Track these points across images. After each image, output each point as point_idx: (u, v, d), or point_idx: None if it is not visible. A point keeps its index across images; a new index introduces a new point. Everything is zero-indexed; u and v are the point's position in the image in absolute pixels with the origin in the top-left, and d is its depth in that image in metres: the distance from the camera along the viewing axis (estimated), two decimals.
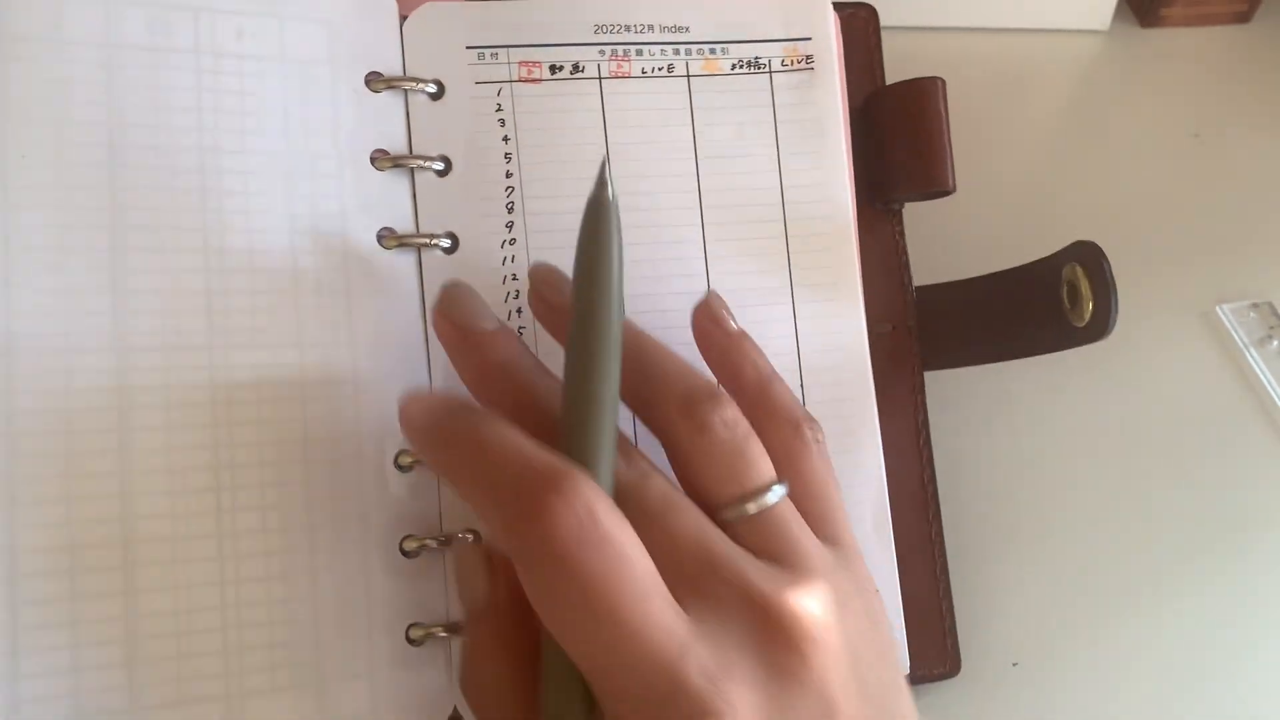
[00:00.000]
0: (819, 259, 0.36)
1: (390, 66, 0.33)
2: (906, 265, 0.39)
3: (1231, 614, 0.40)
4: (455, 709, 0.31)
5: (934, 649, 0.37)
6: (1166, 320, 0.47)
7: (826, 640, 0.25)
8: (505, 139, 0.34)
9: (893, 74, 0.39)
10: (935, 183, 0.37)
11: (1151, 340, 0.46)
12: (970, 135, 0.51)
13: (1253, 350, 0.46)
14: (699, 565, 0.25)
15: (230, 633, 0.29)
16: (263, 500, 0.30)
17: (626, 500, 0.25)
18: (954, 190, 0.38)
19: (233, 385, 0.30)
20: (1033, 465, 0.42)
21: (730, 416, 0.27)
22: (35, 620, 0.27)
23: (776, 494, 0.27)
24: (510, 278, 0.33)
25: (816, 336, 0.35)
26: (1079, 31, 0.55)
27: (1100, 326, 0.33)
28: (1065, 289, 0.34)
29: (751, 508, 0.27)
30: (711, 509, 0.27)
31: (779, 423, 0.29)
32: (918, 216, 0.40)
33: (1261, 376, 0.45)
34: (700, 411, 0.27)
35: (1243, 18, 0.57)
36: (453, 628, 0.31)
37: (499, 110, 0.34)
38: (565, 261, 0.33)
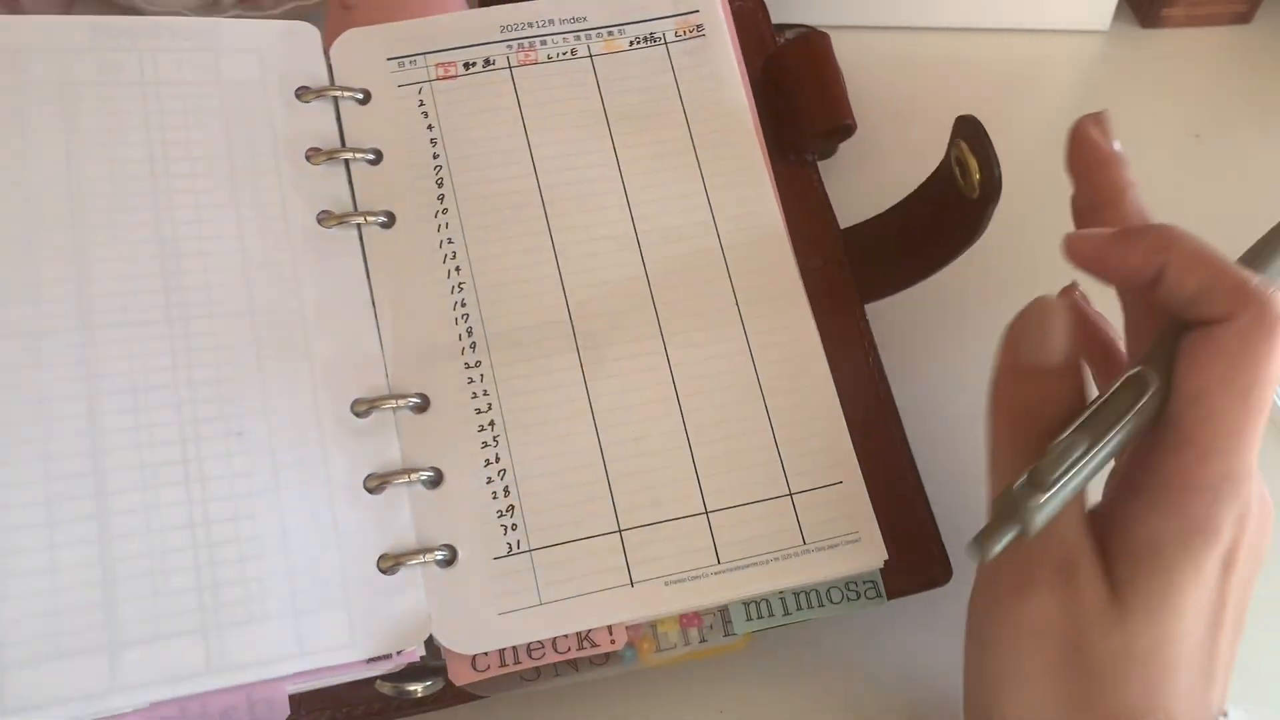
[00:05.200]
0: (723, 151, 0.39)
1: (318, 81, 0.37)
2: (829, 206, 0.41)
3: None
4: (432, 635, 0.31)
5: (919, 557, 0.36)
6: None
7: None
8: (429, 127, 0.37)
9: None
10: (838, 116, 0.40)
11: None
12: None
13: None
14: None
15: (204, 571, 0.30)
16: (227, 450, 0.31)
17: None
18: (855, 127, 0.40)
19: (191, 351, 0.32)
20: None
21: None
22: (13, 568, 0.29)
23: None
24: (445, 241, 0.36)
25: (734, 217, 0.38)
26: (1079, 31, 0.55)
27: (990, 189, 0.34)
28: (957, 170, 0.36)
29: None
30: None
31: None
32: None
33: None
34: None
35: (1243, 18, 0.56)
36: (422, 554, 0.32)
37: (421, 105, 0.38)
38: (495, 226, 0.36)
